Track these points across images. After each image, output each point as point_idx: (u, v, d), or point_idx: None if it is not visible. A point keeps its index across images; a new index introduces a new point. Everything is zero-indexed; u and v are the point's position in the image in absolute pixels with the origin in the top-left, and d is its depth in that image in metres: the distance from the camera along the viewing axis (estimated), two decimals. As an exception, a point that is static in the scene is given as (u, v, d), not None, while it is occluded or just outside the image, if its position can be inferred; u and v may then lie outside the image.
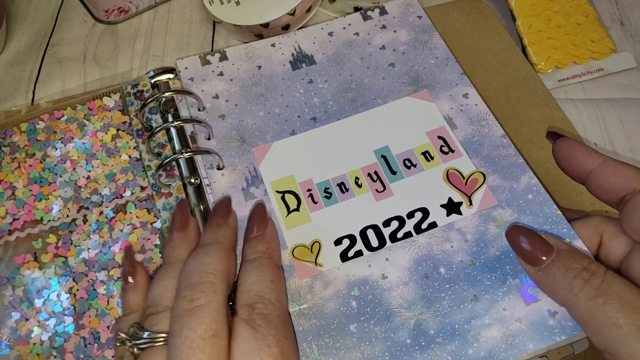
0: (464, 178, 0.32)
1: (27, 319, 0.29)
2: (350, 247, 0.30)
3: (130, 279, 0.28)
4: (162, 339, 0.24)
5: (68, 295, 0.30)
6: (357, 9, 0.41)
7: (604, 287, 0.24)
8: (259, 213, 0.30)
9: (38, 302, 0.30)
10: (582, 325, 0.25)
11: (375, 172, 0.32)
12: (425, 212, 0.31)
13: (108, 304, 0.30)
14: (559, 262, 0.25)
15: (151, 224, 0.32)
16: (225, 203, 0.30)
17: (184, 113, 0.35)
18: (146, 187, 0.33)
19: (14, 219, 0.32)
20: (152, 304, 0.25)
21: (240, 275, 0.27)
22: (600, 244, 0.29)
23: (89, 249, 0.31)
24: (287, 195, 0.31)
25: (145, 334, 0.24)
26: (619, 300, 0.23)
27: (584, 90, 0.39)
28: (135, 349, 0.24)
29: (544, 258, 0.26)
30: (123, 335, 0.25)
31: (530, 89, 0.38)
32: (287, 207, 0.31)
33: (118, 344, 0.25)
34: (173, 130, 0.34)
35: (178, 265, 0.27)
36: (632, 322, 0.22)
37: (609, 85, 0.39)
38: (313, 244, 0.30)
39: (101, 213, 0.32)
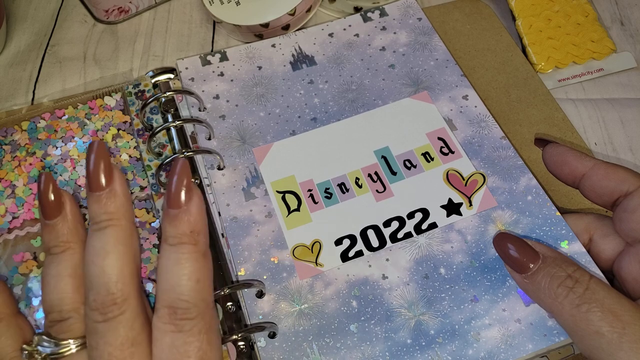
0: (463, 179, 0.32)
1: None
2: (350, 247, 0.30)
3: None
4: (74, 346, 0.23)
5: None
6: (357, 9, 0.41)
7: (588, 295, 0.23)
8: (184, 174, 0.23)
9: (35, 301, 0.30)
10: (568, 333, 0.25)
11: (376, 173, 0.32)
12: (425, 213, 0.31)
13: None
14: (544, 269, 0.25)
15: (150, 223, 0.32)
16: (102, 161, 0.23)
17: (184, 113, 0.35)
18: (145, 187, 0.33)
19: (14, 218, 0.32)
20: (53, 309, 0.24)
21: (159, 265, 0.23)
22: (590, 242, 0.29)
23: (89, 248, 0.31)
24: (287, 196, 0.31)
25: (55, 344, 0.23)
26: (601, 308, 0.23)
27: (584, 90, 0.39)
28: (48, 359, 0.23)
29: (531, 265, 0.26)
30: (29, 348, 0.23)
31: (530, 89, 0.38)
32: (288, 207, 0.31)
33: (25, 358, 0.23)
34: (173, 130, 0.34)
35: (67, 258, 0.24)
36: (615, 330, 0.22)
37: (609, 85, 0.39)
38: (313, 244, 0.30)
39: (101, 213, 0.32)
